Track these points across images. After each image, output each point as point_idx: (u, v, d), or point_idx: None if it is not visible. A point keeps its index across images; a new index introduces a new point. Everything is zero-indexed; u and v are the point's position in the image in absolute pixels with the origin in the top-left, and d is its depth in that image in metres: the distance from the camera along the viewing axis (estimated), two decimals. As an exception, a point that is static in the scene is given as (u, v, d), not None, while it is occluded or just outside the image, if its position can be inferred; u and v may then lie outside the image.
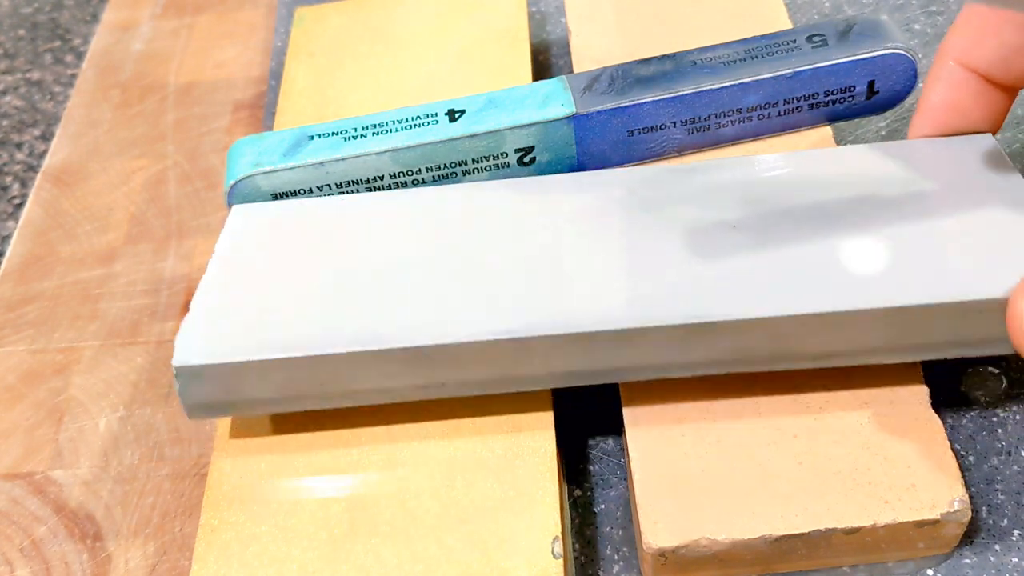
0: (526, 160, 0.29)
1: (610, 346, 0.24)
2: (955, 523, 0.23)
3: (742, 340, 0.24)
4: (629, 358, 0.24)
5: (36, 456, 0.30)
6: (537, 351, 0.24)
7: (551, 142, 0.29)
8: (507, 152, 0.29)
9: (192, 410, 0.25)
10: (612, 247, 0.25)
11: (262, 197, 0.29)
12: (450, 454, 0.25)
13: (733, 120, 0.29)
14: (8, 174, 0.41)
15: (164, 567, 0.27)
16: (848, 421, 0.24)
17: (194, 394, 0.24)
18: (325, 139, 0.29)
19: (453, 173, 0.29)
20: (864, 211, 0.26)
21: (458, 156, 0.29)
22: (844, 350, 0.24)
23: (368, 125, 0.29)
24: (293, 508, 0.24)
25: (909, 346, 0.24)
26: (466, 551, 0.23)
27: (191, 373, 0.24)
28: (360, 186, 0.29)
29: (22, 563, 0.27)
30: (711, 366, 0.24)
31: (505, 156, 0.29)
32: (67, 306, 0.34)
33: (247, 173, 0.29)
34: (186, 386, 0.24)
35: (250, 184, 0.29)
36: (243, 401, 0.25)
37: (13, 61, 0.46)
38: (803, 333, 0.24)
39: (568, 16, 0.35)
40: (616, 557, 0.26)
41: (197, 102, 0.41)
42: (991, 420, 0.27)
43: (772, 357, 0.24)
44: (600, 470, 0.27)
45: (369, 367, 0.24)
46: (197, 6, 0.46)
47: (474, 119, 0.29)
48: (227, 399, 0.25)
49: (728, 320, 0.23)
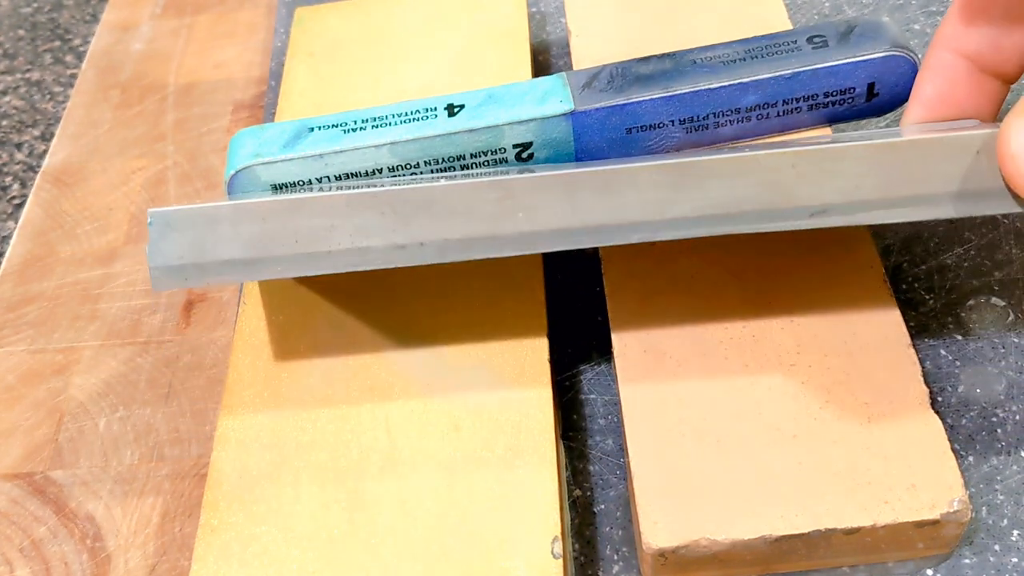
0: (524, 156, 0.29)
1: (594, 194, 0.23)
2: (955, 523, 0.23)
3: (732, 186, 0.23)
4: (614, 210, 0.23)
5: (36, 456, 0.30)
6: (519, 197, 0.23)
7: (549, 138, 0.29)
8: (505, 148, 0.29)
9: (160, 275, 0.24)
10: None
11: (261, 187, 0.29)
12: (450, 454, 0.25)
13: (732, 120, 0.29)
14: (8, 174, 0.41)
15: (164, 567, 0.27)
16: (848, 421, 0.24)
17: (164, 251, 0.23)
18: (325, 131, 0.29)
19: (451, 167, 0.29)
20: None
21: (456, 151, 0.29)
22: (839, 202, 0.23)
23: (368, 118, 0.29)
24: (293, 508, 0.24)
25: (903, 197, 0.23)
26: (466, 551, 0.23)
27: (164, 221, 0.23)
28: (359, 179, 0.29)
29: (22, 563, 0.27)
30: (701, 224, 0.23)
31: (503, 152, 0.29)
32: (67, 306, 0.34)
33: (247, 163, 0.29)
34: (157, 241, 0.23)
35: (250, 174, 0.29)
36: (212, 264, 0.24)
37: (13, 61, 0.46)
38: (794, 177, 0.23)
39: (568, 16, 0.35)
40: (616, 557, 0.26)
41: (197, 102, 0.41)
42: (991, 420, 0.27)
43: (763, 212, 0.23)
44: (600, 470, 0.27)
45: (344, 215, 0.23)
46: (197, 6, 0.46)
47: (473, 114, 0.29)
48: (196, 260, 0.23)
49: (718, 158, 0.22)
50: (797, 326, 0.26)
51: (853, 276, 0.27)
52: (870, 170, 0.23)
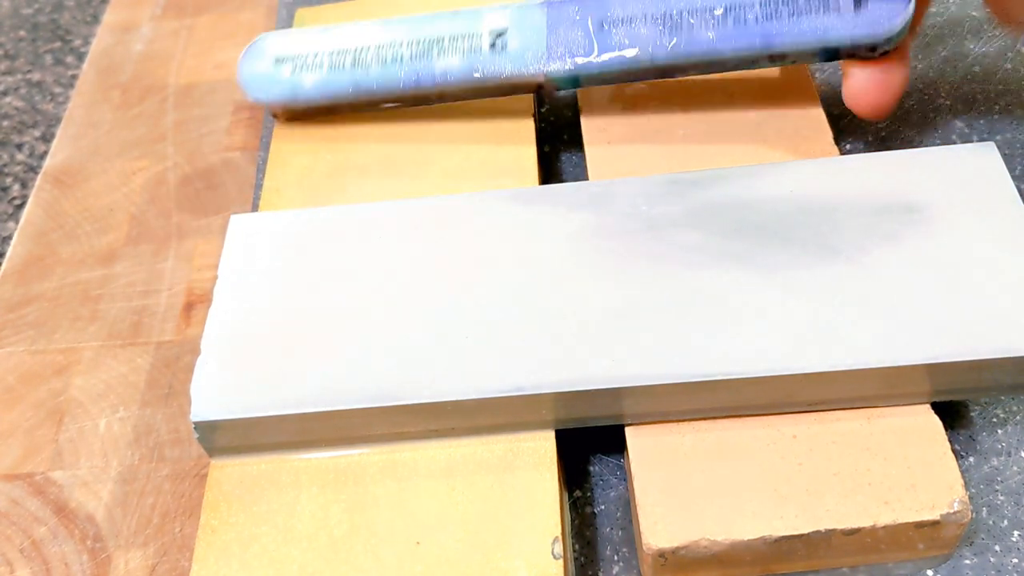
0: (497, 45, 0.30)
1: (611, 398, 0.24)
2: (955, 524, 0.23)
3: (742, 394, 0.24)
4: (629, 407, 0.25)
5: (36, 457, 0.30)
6: (543, 403, 0.24)
7: (524, 26, 0.30)
8: (481, 33, 0.30)
9: (212, 452, 0.26)
10: (613, 292, 0.25)
11: (267, 61, 0.33)
12: (450, 454, 0.25)
13: (707, 21, 0.28)
14: (8, 175, 0.41)
15: (164, 568, 0.27)
16: (848, 422, 0.24)
17: (212, 440, 0.25)
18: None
19: (428, 52, 0.31)
20: (865, 245, 0.25)
21: (436, 32, 0.31)
22: (844, 398, 0.24)
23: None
24: (293, 508, 0.24)
25: (909, 394, 0.24)
26: (466, 551, 0.23)
27: (208, 427, 0.25)
28: (347, 56, 0.32)
29: (22, 563, 0.27)
30: (713, 412, 0.25)
31: (479, 38, 0.31)
32: (67, 307, 0.34)
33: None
34: (204, 434, 0.25)
35: (258, 48, 0.33)
36: (261, 444, 0.25)
37: (14, 62, 0.46)
38: (804, 386, 0.24)
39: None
40: (616, 558, 0.26)
41: (197, 103, 0.41)
42: (991, 420, 0.27)
43: (773, 404, 0.24)
44: (600, 471, 0.27)
45: (382, 417, 0.25)
46: (197, 7, 0.46)
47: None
48: (244, 443, 0.25)
49: (727, 378, 0.24)
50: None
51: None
52: (878, 382, 0.24)
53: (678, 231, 0.27)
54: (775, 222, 0.26)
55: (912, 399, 0.24)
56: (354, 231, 0.28)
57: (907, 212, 0.26)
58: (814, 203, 0.27)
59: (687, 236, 0.26)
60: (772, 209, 0.27)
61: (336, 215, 0.29)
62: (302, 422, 0.25)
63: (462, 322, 0.25)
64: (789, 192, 0.27)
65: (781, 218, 0.26)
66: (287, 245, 0.28)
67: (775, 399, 0.24)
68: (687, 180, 0.28)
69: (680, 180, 0.28)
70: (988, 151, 0.27)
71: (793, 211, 0.26)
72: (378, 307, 0.26)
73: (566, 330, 0.25)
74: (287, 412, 0.24)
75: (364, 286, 0.27)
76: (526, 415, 0.25)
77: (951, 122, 0.34)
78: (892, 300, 0.24)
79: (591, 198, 0.28)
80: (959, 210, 0.26)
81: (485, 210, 0.28)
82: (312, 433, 0.25)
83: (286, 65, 0.33)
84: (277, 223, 0.29)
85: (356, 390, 0.25)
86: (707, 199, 0.27)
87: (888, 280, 0.25)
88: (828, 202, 0.27)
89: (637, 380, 0.24)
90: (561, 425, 0.25)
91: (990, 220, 0.26)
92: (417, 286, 0.26)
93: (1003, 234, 0.25)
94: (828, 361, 0.23)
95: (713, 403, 0.24)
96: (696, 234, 0.26)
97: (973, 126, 0.34)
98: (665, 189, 0.28)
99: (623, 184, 0.28)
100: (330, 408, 0.24)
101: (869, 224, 0.26)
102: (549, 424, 0.25)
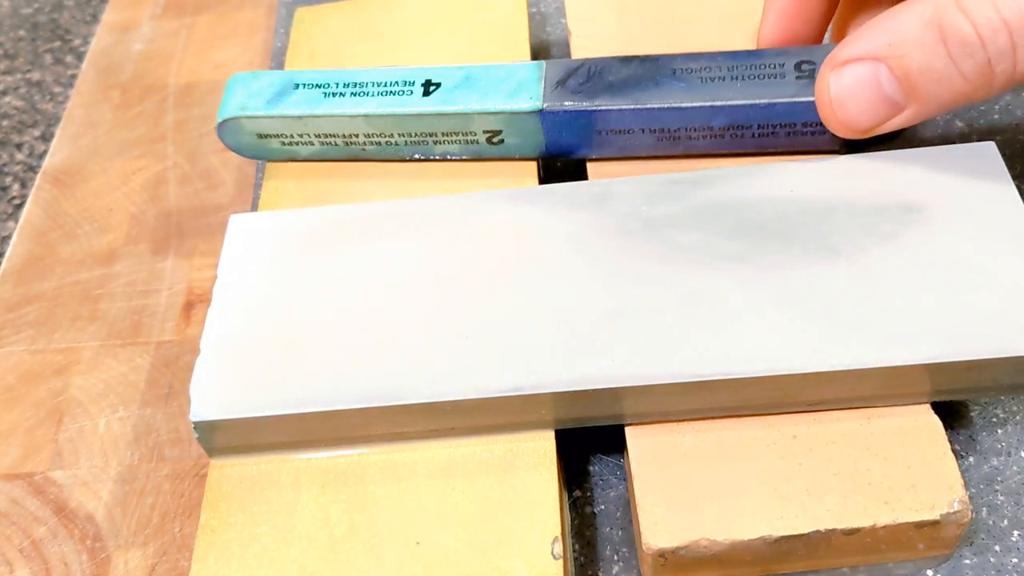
0: (495, 140, 0.30)
1: (611, 398, 0.24)
2: (955, 524, 0.23)
3: (741, 393, 0.24)
4: (629, 407, 0.24)
5: (36, 456, 0.30)
6: (543, 403, 0.24)
7: (519, 130, 0.30)
8: (476, 132, 0.30)
9: (212, 452, 0.26)
10: (612, 292, 0.25)
11: (248, 136, 0.31)
12: (450, 454, 0.25)
13: (704, 135, 0.29)
14: (8, 174, 0.41)
15: (164, 568, 0.27)
16: (847, 422, 0.24)
17: (212, 440, 0.25)
18: (308, 91, 0.31)
19: (424, 142, 0.30)
20: (864, 245, 0.25)
21: (429, 128, 0.30)
22: (844, 398, 0.24)
23: (348, 83, 0.31)
24: (293, 508, 0.24)
25: (909, 394, 0.24)
26: (466, 551, 0.23)
27: (208, 427, 0.25)
28: (338, 139, 0.31)
29: (22, 563, 0.27)
30: (712, 412, 0.25)
31: (474, 135, 0.30)
32: (67, 306, 0.34)
33: (234, 115, 0.30)
34: (204, 434, 0.25)
35: (236, 125, 0.31)
36: (260, 444, 0.25)
37: (13, 61, 0.46)
38: (803, 386, 0.24)
39: (568, 16, 0.35)
40: (616, 557, 0.26)
41: (197, 103, 0.41)
42: (991, 420, 0.27)
43: (772, 404, 0.24)
44: (600, 470, 0.27)
45: (382, 417, 0.25)
46: (197, 6, 0.46)
47: (446, 96, 0.30)
48: (244, 443, 0.25)
49: (727, 378, 0.24)
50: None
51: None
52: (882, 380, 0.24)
53: (678, 231, 0.27)
54: (775, 222, 0.26)
55: (912, 399, 0.24)
56: (354, 231, 0.28)
57: (907, 212, 0.26)
58: (814, 203, 0.27)
59: (687, 236, 0.26)
60: (772, 209, 0.27)
61: (336, 215, 0.29)
62: (302, 422, 0.25)
63: (462, 322, 0.25)
64: (789, 192, 0.27)
65: (781, 218, 0.26)
66: (287, 245, 0.28)
67: (775, 399, 0.24)
68: (687, 180, 0.28)
69: (680, 180, 0.28)
70: (988, 151, 0.27)
71: (793, 211, 0.26)
72: (378, 307, 0.26)
73: (566, 330, 0.25)
74: (287, 412, 0.24)
75: (364, 286, 0.27)
76: (526, 415, 0.25)
77: (951, 122, 0.34)
78: (892, 300, 0.24)
79: (591, 198, 0.28)
80: (959, 210, 0.26)
81: (485, 210, 0.28)
82: (312, 433, 0.25)
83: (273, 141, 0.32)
84: (277, 223, 0.29)
85: (356, 390, 0.25)
86: (707, 199, 0.27)
87: (888, 280, 0.25)
88: (828, 202, 0.27)
89: (637, 380, 0.24)
90: (561, 425, 0.25)
91: (990, 220, 0.26)
92: (417, 285, 0.26)
93: (1003, 234, 0.25)
94: (828, 361, 0.23)
95: (713, 403, 0.24)
96: (696, 234, 0.26)
97: (973, 126, 0.34)
98: (665, 189, 0.28)
99: (623, 184, 0.28)
100: (330, 408, 0.24)
101: (869, 224, 0.26)
102: (549, 424, 0.25)
